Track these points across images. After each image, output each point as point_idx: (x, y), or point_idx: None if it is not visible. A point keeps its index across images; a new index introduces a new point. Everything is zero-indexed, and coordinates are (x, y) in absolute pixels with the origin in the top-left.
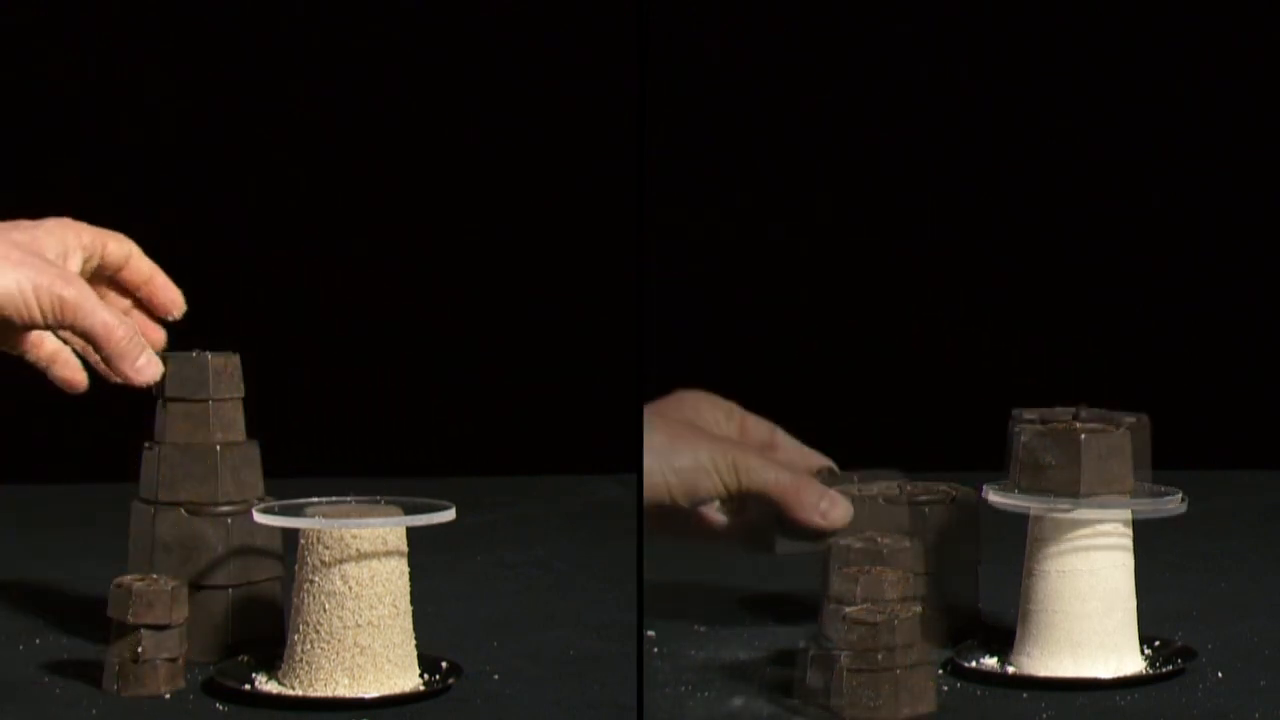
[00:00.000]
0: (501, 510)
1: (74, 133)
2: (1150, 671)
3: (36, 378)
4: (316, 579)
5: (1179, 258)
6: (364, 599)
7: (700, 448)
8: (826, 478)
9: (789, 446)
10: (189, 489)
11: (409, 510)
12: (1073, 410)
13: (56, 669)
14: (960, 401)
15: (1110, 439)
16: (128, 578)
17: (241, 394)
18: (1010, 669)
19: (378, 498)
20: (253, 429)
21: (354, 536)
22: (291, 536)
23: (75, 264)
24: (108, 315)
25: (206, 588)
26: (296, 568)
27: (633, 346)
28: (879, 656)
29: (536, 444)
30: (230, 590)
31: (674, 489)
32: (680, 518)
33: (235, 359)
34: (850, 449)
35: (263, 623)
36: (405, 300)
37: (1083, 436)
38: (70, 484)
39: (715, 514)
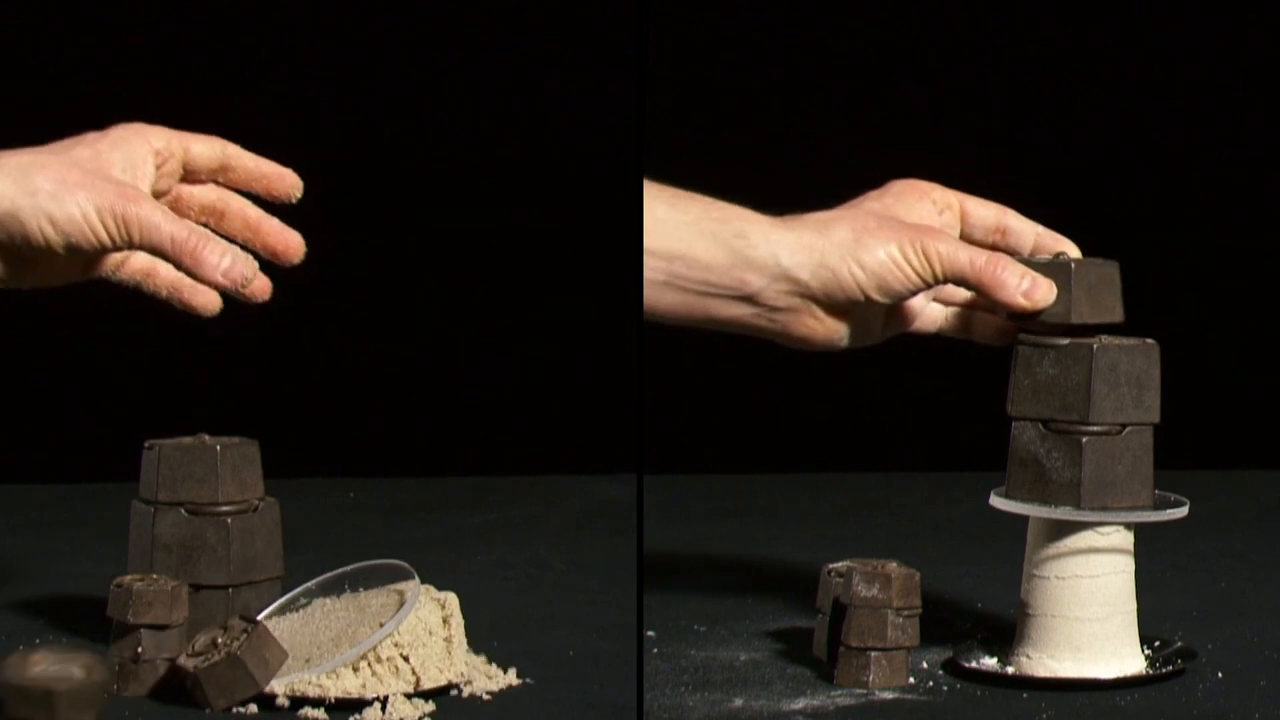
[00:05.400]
0: (501, 510)
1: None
2: (1150, 672)
3: (38, 377)
4: None
5: (1178, 258)
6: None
7: (888, 240)
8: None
9: (1022, 229)
10: (189, 489)
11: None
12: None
13: None
14: (961, 401)
15: (1111, 441)
16: (128, 578)
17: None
18: (1010, 669)
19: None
20: (253, 429)
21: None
22: (291, 536)
23: (147, 174)
24: (175, 227)
25: (206, 588)
26: None
27: (633, 347)
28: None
29: (536, 444)
30: (230, 590)
31: (865, 286)
32: (879, 314)
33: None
34: (851, 449)
35: None
36: (405, 300)
37: (1084, 440)
38: (70, 484)
39: (930, 309)
